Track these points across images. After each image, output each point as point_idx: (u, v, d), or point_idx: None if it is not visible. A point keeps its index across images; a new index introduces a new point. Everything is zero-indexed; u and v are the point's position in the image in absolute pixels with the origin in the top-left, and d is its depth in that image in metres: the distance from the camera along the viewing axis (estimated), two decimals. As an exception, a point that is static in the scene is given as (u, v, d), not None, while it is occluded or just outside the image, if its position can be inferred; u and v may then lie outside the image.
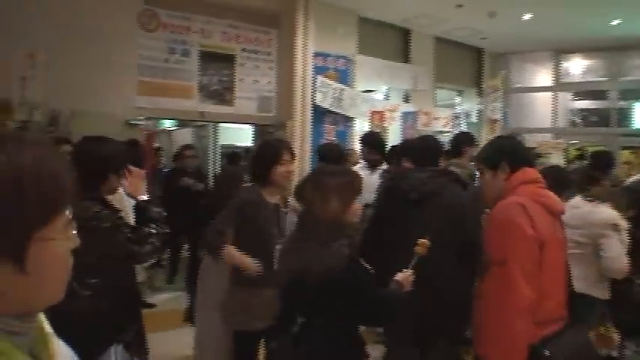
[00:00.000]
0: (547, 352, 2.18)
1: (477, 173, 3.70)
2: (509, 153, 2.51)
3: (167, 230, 2.66)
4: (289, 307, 2.28)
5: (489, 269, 2.40)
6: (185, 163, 6.65)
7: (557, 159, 8.55)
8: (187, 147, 7.08)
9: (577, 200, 3.60)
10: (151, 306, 6.05)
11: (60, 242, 0.84)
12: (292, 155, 3.19)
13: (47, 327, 0.93)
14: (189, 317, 4.47)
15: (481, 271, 2.50)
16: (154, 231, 2.58)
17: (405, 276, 2.42)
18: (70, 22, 5.74)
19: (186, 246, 6.56)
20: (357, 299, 2.15)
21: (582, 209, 3.53)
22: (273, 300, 2.51)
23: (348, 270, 2.11)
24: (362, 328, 2.39)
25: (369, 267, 2.30)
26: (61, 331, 1.01)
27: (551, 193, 2.43)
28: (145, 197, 2.73)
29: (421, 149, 3.43)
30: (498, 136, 2.95)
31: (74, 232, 0.88)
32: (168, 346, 4.43)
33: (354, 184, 2.30)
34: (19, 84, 5.21)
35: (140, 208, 2.69)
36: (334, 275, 2.06)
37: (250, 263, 2.91)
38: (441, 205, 3.02)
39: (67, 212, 0.85)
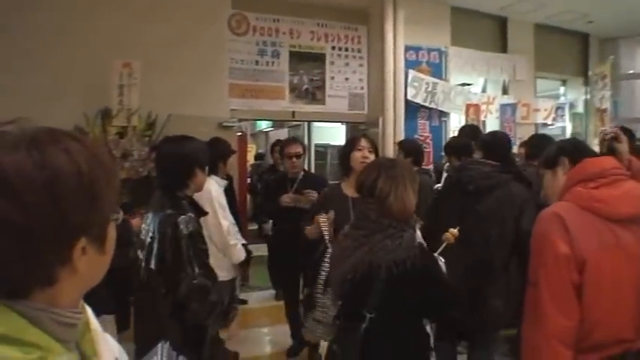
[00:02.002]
0: None
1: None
2: (570, 147, 2.16)
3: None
4: (357, 304, 2.14)
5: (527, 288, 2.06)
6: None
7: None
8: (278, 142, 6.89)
9: None
10: (242, 302, 6.10)
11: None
12: (372, 144, 3.29)
13: (94, 323, 0.98)
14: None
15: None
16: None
17: None
18: (162, 30, 5.91)
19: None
20: (434, 287, 2.16)
21: None
22: None
23: (422, 258, 2.10)
24: None
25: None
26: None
27: (618, 192, 1.94)
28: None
29: (491, 143, 3.50)
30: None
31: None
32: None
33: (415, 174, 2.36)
34: (118, 92, 5.41)
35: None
36: (409, 265, 2.04)
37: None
38: (497, 199, 3.09)
39: None
